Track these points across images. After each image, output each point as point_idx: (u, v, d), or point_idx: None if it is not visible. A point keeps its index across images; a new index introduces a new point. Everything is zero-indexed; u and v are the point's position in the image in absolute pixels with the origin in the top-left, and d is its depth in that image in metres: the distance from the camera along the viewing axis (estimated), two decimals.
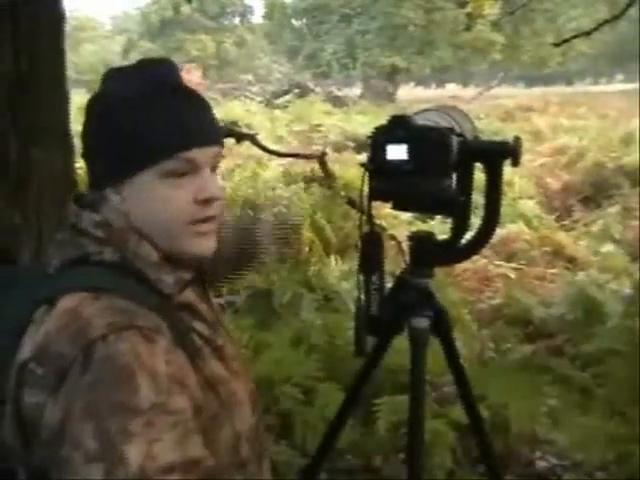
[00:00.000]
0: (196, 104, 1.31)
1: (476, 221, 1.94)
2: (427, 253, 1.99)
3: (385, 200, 1.91)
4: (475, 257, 4.90)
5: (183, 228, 1.26)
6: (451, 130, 1.80)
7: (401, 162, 1.75)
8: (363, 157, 1.82)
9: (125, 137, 1.24)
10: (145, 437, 1.07)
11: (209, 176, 1.28)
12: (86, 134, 1.31)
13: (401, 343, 2.04)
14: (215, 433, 1.25)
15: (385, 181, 1.80)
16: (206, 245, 1.30)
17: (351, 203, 6.26)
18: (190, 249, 1.27)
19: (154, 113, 1.25)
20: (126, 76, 1.31)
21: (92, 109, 1.31)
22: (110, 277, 1.23)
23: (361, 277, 1.93)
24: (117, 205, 1.26)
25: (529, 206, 8.33)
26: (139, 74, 1.30)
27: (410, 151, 1.74)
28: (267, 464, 1.44)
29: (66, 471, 1.07)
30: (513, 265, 6.71)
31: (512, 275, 6.45)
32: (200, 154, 1.26)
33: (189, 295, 1.33)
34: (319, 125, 15.15)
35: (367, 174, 1.82)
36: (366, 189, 1.83)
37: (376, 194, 1.83)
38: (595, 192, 9.71)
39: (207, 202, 1.27)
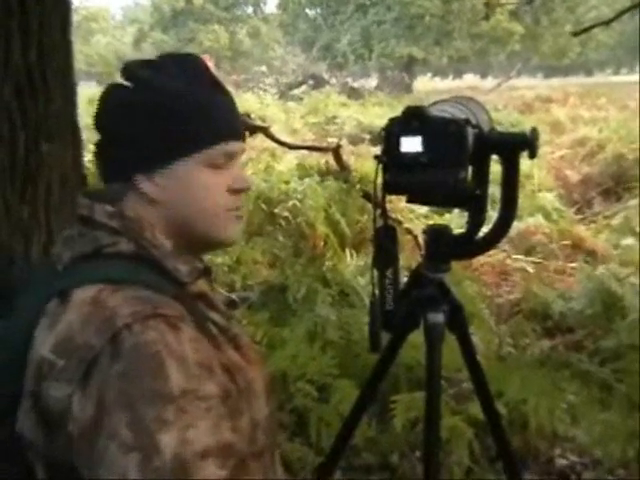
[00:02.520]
0: (232, 99, 1.36)
1: (493, 214, 1.90)
2: (443, 247, 1.97)
3: (399, 193, 1.89)
4: (493, 251, 4.86)
5: (224, 214, 1.32)
6: (467, 122, 1.76)
7: (416, 154, 1.71)
8: (379, 149, 1.79)
9: (174, 124, 1.28)
10: (178, 424, 1.09)
11: (241, 168, 1.38)
12: (116, 121, 1.29)
13: (417, 338, 2.01)
14: (236, 421, 1.25)
15: (399, 174, 1.76)
16: (239, 230, 1.39)
17: (367, 196, 6.21)
18: (227, 234, 1.34)
19: (201, 104, 1.30)
20: (168, 67, 1.32)
21: (130, 98, 1.29)
22: (127, 268, 1.24)
23: (375, 272, 1.91)
24: (148, 191, 1.28)
25: (548, 199, 8.25)
26: (180, 65, 1.32)
27: (425, 143, 1.71)
28: (278, 455, 1.46)
29: (103, 463, 1.07)
30: (532, 259, 6.66)
31: (531, 269, 6.40)
32: (237, 147, 1.34)
33: (202, 285, 1.37)
34: (334, 117, 15.18)
35: (381, 167, 1.79)
36: (380, 182, 1.80)
37: (390, 187, 1.80)
38: (615, 184, 9.64)
39: (240, 191, 1.34)
